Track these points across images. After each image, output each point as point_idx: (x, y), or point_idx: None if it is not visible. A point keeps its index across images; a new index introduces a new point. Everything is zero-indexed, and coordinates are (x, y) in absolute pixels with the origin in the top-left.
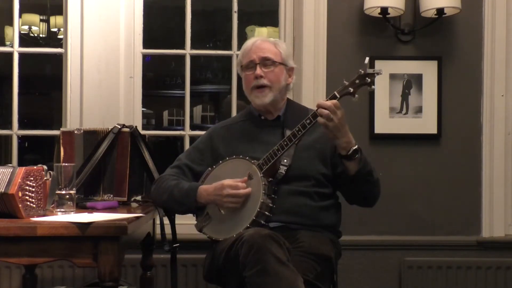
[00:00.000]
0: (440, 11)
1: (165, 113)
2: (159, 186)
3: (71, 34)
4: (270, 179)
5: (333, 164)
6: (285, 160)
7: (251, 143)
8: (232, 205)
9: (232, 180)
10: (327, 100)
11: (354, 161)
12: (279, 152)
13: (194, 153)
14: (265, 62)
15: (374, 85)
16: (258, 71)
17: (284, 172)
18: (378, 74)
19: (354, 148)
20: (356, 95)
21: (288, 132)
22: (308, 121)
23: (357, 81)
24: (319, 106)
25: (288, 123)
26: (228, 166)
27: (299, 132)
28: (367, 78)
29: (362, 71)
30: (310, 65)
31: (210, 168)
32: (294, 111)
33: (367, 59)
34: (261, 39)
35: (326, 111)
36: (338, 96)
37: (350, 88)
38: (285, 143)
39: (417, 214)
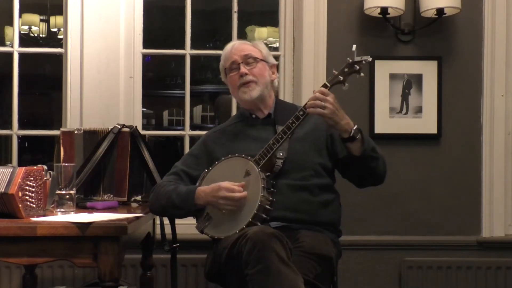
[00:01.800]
0: (440, 11)
1: (165, 113)
2: (157, 193)
3: (71, 34)
4: (268, 173)
5: (333, 152)
6: (281, 154)
7: (244, 141)
8: (229, 207)
9: (230, 183)
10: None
11: (358, 140)
12: (275, 146)
13: (190, 159)
14: (247, 60)
15: (362, 72)
16: (242, 69)
17: (281, 165)
18: (366, 61)
19: (354, 128)
20: (346, 84)
21: (280, 128)
22: (301, 113)
23: (346, 69)
24: (307, 108)
25: (279, 120)
26: (224, 166)
27: (293, 124)
28: (355, 66)
29: (350, 60)
30: (310, 65)
31: (206, 170)
32: (284, 108)
33: (354, 46)
34: (239, 42)
35: (317, 102)
36: (328, 85)
37: (340, 77)
38: (280, 136)
39: (417, 214)
